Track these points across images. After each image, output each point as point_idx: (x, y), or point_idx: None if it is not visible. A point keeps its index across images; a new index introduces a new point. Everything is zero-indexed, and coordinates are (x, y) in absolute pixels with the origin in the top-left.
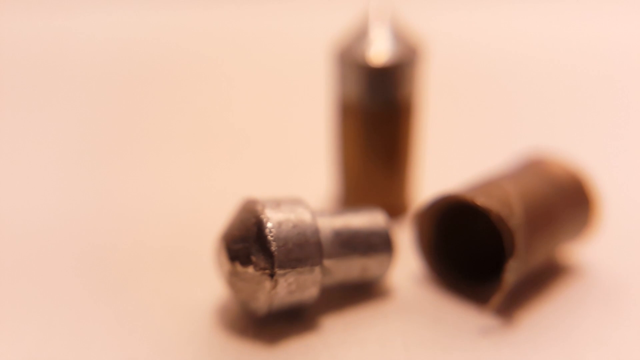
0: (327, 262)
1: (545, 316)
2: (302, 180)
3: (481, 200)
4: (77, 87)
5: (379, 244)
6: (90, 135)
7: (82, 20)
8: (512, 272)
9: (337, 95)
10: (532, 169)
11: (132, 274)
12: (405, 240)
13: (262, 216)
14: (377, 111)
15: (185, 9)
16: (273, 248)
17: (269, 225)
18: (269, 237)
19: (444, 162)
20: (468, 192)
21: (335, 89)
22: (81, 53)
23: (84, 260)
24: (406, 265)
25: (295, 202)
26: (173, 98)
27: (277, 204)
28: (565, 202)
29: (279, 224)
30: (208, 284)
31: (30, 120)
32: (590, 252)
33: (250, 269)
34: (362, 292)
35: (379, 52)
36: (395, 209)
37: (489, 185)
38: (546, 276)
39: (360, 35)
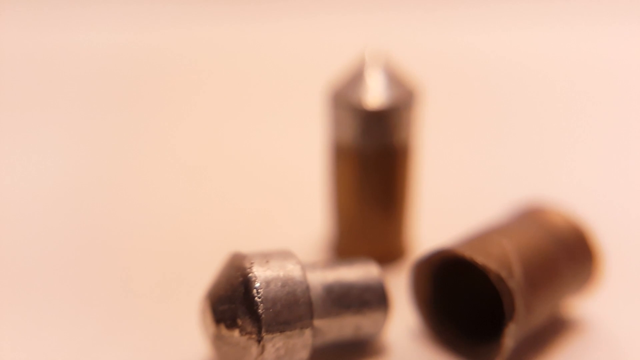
0: (318, 323)
1: None
2: (294, 223)
3: (480, 259)
4: (76, 101)
5: (373, 301)
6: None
7: (84, 25)
8: (512, 336)
9: (332, 138)
10: (531, 219)
11: (116, 321)
12: (401, 289)
13: (250, 274)
14: (373, 154)
15: (177, 46)
16: (260, 310)
17: (257, 285)
18: (256, 299)
19: (442, 204)
20: (466, 249)
21: (330, 132)
22: (83, 63)
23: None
24: (402, 319)
25: (285, 256)
26: (164, 137)
27: (266, 259)
28: (567, 256)
29: (267, 283)
30: (193, 342)
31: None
32: (592, 305)
33: (236, 333)
34: (355, 349)
35: (375, 95)
36: (391, 253)
37: (487, 240)
38: (547, 330)
39: (356, 78)
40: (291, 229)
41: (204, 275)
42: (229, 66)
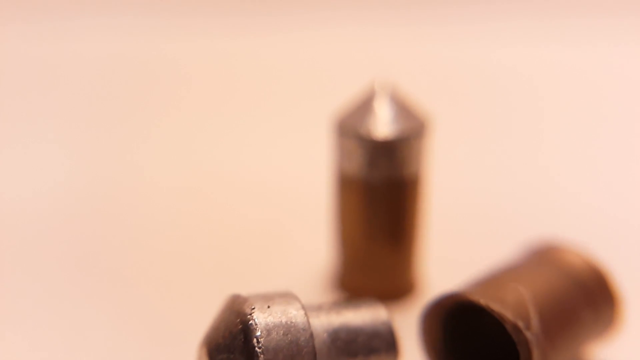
0: None
1: None
2: (298, 255)
3: (496, 307)
4: (79, 111)
5: (381, 348)
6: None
7: (87, 28)
8: None
9: (338, 168)
10: (547, 260)
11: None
12: (410, 329)
13: (250, 322)
14: (380, 186)
15: (186, 64)
16: None
17: (257, 334)
18: (257, 349)
19: (452, 238)
20: (480, 295)
21: (336, 161)
22: (89, 72)
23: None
24: None
25: (288, 299)
26: (166, 163)
27: (268, 303)
28: (586, 300)
29: (269, 331)
30: None
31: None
32: (613, 352)
33: None
34: None
35: (383, 125)
36: (399, 290)
37: (502, 285)
38: None
39: (364, 107)
40: (294, 261)
41: (203, 314)
42: (233, 87)
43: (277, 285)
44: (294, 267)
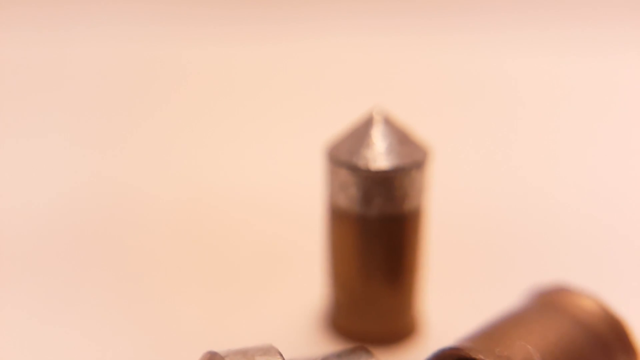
0: None
1: None
2: (288, 293)
3: None
4: (84, 115)
5: None
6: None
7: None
8: None
9: (331, 201)
10: (558, 307)
11: None
12: None
13: None
14: (377, 220)
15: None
16: None
17: None
18: None
19: (453, 275)
20: (485, 351)
21: (329, 194)
22: (97, 75)
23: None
24: None
25: (269, 356)
26: (165, 171)
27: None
28: (603, 353)
29: None
30: None
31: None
32: None
33: None
34: None
35: (380, 155)
36: (396, 332)
37: (508, 338)
38: None
39: (359, 136)
40: (284, 300)
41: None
42: (234, 96)
43: (264, 328)
44: (284, 306)
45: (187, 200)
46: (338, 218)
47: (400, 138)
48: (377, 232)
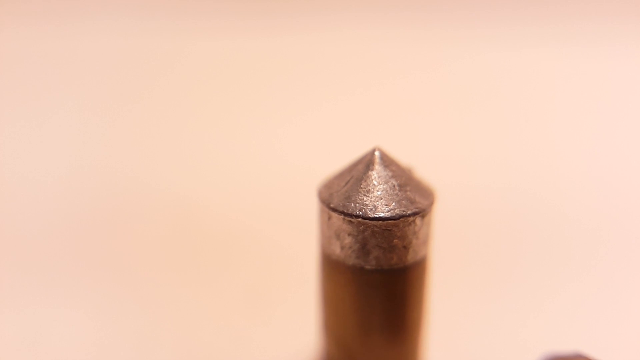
0: None
1: None
2: (277, 343)
3: None
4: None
5: None
6: None
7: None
8: None
9: (325, 250)
10: None
11: None
12: None
13: None
14: (376, 273)
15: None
16: None
17: None
18: None
19: (456, 330)
20: None
21: (323, 242)
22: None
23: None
24: None
25: None
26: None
27: None
28: None
29: None
30: None
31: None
32: None
33: None
34: None
35: (380, 201)
36: None
37: None
38: None
39: (357, 179)
40: (273, 350)
41: None
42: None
43: None
44: (272, 356)
45: (181, 204)
46: (332, 268)
47: (402, 182)
48: (375, 286)
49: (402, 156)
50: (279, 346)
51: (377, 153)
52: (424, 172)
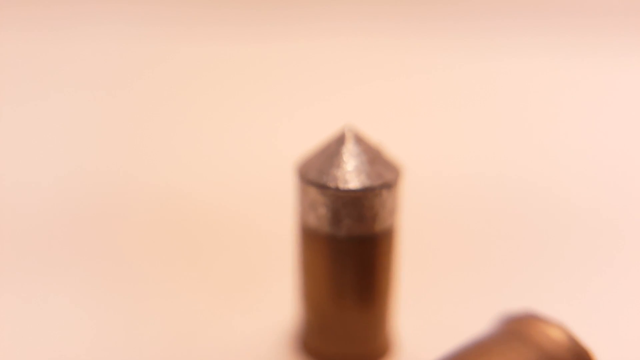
0: None
1: None
2: (257, 311)
3: None
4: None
5: None
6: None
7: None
8: None
9: (302, 221)
10: (523, 335)
11: None
12: None
13: None
14: (348, 241)
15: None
16: None
17: None
18: None
19: (426, 295)
20: None
21: (300, 213)
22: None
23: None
24: None
25: None
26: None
27: None
28: None
29: None
30: None
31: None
32: None
33: None
34: None
35: (351, 174)
36: (369, 354)
37: None
38: None
39: (330, 154)
40: (254, 318)
41: None
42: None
43: (233, 347)
44: (254, 325)
45: (168, 202)
46: (308, 237)
47: (371, 157)
48: (347, 252)
49: (375, 136)
50: (262, 316)
51: (348, 131)
52: (398, 151)
